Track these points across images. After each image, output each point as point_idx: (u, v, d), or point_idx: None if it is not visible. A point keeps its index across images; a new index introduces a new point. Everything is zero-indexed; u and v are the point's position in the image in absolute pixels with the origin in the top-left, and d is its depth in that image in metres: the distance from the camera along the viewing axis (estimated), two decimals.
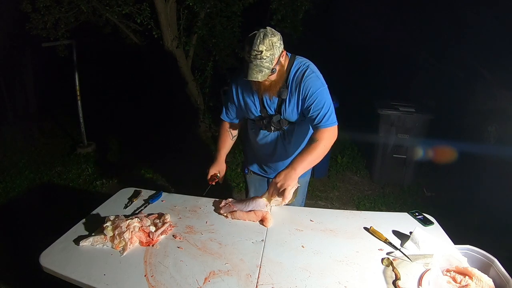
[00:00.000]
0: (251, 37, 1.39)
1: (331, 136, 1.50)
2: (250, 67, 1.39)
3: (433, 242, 1.30)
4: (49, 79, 5.47)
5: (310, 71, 1.50)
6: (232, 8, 3.95)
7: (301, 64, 1.53)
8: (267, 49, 1.37)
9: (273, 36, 1.39)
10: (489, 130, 3.71)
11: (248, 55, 1.39)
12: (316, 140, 1.48)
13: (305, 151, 1.49)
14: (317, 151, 1.47)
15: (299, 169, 1.47)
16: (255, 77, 1.39)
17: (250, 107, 1.65)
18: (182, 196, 1.74)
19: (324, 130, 1.49)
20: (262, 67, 1.38)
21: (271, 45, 1.38)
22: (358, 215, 1.58)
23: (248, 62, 1.40)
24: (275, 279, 1.16)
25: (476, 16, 4.27)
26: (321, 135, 1.49)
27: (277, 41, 1.40)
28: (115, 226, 1.33)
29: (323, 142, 1.48)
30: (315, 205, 3.06)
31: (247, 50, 1.39)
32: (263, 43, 1.36)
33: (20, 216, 2.88)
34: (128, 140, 4.44)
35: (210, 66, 4.16)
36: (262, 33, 1.38)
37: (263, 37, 1.37)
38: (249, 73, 1.40)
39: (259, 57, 1.37)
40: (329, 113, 1.49)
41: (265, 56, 1.37)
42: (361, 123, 4.03)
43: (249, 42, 1.39)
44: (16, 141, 4.47)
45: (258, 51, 1.36)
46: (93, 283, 1.14)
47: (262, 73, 1.39)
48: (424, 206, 2.96)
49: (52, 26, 3.73)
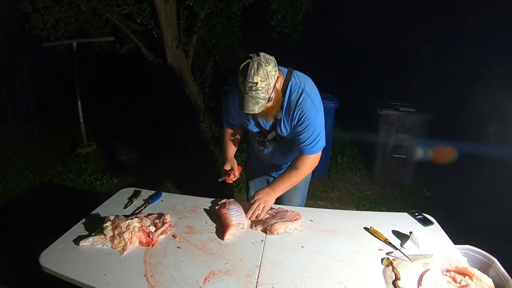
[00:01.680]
0: (245, 67, 1.32)
1: (312, 163, 1.57)
2: (245, 99, 1.34)
3: (433, 242, 1.30)
4: (49, 79, 5.47)
5: (305, 96, 1.45)
6: (232, 8, 3.95)
7: (296, 86, 1.47)
8: (262, 79, 1.30)
9: (267, 64, 1.31)
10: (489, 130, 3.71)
11: (242, 87, 1.33)
12: (297, 167, 1.55)
13: (286, 176, 1.57)
14: (296, 177, 1.56)
15: (278, 192, 1.56)
16: (252, 110, 1.35)
17: (247, 123, 1.65)
18: (182, 196, 1.74)
19: (306, 157, 1.54)
20: (258, 98, 1.33)
21: (266, 74, 1.31)
22: (358, 215, 1.58)
23: (243, 93, 1.34)
24: (275, 279, 1.16)
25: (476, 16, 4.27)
26: (302, 163, 1.54)
27: (271, 70, 1.33)
28: (115, 226, 1.33)
29: (304, 170, 1.55)
30: (315, 205, 3.06)
31: (241, 81, 1.32)
32: (257, 74, 1.30)
33: (20, 216, 2.88)
34: (128, 140, 4.44)
35: (210, 66, 4.16)
36: (255, 62, 1.30)
37: (257, 67, 1.30)
38: (245, 105, 1.35)
39: (254, 89, 1.31)
40: (315, 141, 1.50)
41: (260, 87, 1.31)
42: (361, 123, 4.03)
43: (243, 73, 1.31)
44: (16, 141, 4.47)
45: (253, 83, 1.30)
46: (92, 283, 1.14)
47: (258, 104, 1.35)
48: (424, 206, 2.96)
49: (52, 26, 3.74)
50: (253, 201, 1.52)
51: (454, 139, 3.47)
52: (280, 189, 1.56)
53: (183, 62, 4.12)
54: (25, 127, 4.89)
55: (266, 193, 1.53)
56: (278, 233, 1.40)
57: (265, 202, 1.51)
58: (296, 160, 1.57)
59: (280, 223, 1.43)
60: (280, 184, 1.56)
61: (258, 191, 1.56)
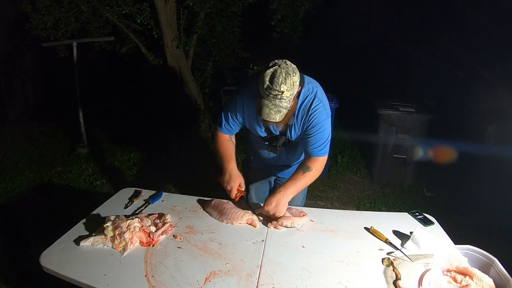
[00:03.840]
0: (272, 73, 1.28)
1: (322, 165, 1.54)
2: (267, 106, 1.30)
3: (434, 242, 1.30)
4: (49, 79, 5.47)
5: (318, 101, 1.47)
6: (232, 8, 3.95)
7: (309, 92, 1.48)
8: (288, 89, 1.28)
9: (294, 74, 1.30)
10: (489, 130, 3.71)
11: (266, 93, 1.29)
12: (310, 169, 1.51)
13: (298, 177, 1.52)
14: (309, 179, 1.53)
15: (290, 195, 1.50)
16: (273, 118, 1.32)
17: (256, 128, 1.61)
18: (182, 196, 1.74)
19: (317, 159, 1.52)
20: (281, 107, 1.31)
21: (292, 85, 1.29)
22: (358, 215, 1.58)
23: (265, 99, 1.30)
24: (275, 279, 1.16)
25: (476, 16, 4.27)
26: (314, 164, 1.52)
27: (297, 80, 1.32)
28: (116, 226, 1.33)
29: (315, 171, 1.52)
30: (315, 205, 3.06)
31: (266, 87, 1.28)
32: (285, 83, 1.27)
33: (20, 216, 2.87)
34: (128, 140, 4.43)
35: (210, 66, 4.16)
36: (284, 70, 1.28)
37: (285, 76, 1.27)
38: (266, 112, 1.31)
39: (279, 97, 1.28)
40: (325, 143, 1.51)
41: (285, 97, 1.29)
42: (361, 123, 4.03)
43: (270, 79, 1.27)
44: (16, 141, 4.46)
45: (279, 91, 1.27)
46: (93, 283, 1.14)
47: (280, 113, 1.32)
48: (424, 206, 2.96)
49: (52, 26, 3.73)
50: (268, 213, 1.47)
51: (454, 139, 3.48)
52: (292, 192, 1.50)
53: (183, 62, 4.12)
54: (25, 127, 4.89)
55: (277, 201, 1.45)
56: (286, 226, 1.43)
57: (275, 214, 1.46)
58: (308, 162, 1.53)
59: (286, 217, 1.45)
60: (293, 186, 1.51)
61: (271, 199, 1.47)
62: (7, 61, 5.02)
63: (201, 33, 3.96)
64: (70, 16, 3.81)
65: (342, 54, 6.29)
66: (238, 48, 4.28)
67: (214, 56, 4.22)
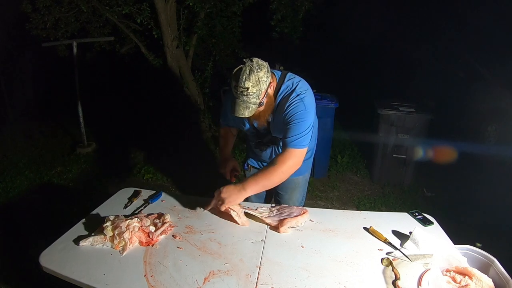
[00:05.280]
0: (237, 72, 1.36)
1: (294, 160, 1.45)
2: (237, 103, 1.39)
3: (433, 242, 1.30)
4: (49, 79, 5.48)
5: (295, 94, 1.47)
6: (232, 8, 3.96)
7: (287, 88, 1.50)
8: (253, 85, 1.34)
9: (259, 70, 1.35)
10: (489, 130, 3.71)
11: (234, 91, 1.37)
12: (275, 164, 1.44)
13: (262, 174, 1.46)
14: (274, 176, 1.44)
15: (249, 191, 1.45)
16: (242, 114, 1.39)
17: (242, 125, 1.69)
18: (182, 196, 1.74)
19: (288, 151, 1.45)
20: (249, 103, 1.37)
21: (257, 80, 1.35)
22: (358, 215, 1.58)
23: (235, 97, 1.39)
24: (274, 279, 1.16)
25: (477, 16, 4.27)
26: (282, 158, 1.45)
27: (263, 76, 1.36)
28: (115, 226, 1.33)
29: (282, 167, 1.43)
30: (315, 205, 3.06)
31: (234, 86, 1.37)
32: (249, 79, 1.34)
33: (20, 216, 2.88)
34: (128, 140, 4.44)
35: (210, 66, 4.17)
36: (248, 68, 1.35)
37: (249, 73, 1.34)
38: (236, 109, 1.40)
39: (245, 93, 1.35)
40: (300, 134, 1.45)
41: (251, 92, 1.35)
42: (361, 123, 4.03)
43: (235, 77, 1.36)
44: (16, 141, 4.47)
45: (244, 88, 1.34)
46: (93, 283, 1.14)
47: (249, 109, 1.39)
48: (424, 206, 2.96)
49: (52, 26, 3.74)
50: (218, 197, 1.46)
51: (454, 139, 3.48)
52: (252, 188, 1.45)
53: (183, 62, 4.12)
54: (25, 127, 4.89)
55: (232, 190, 1.44)
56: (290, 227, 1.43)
57: (229, 203, 1.43)
58: (278, 155, 1.49)
59: (290, 219, 1.44)
60: (254, 183, 1.45)
61: (228, 186, 1.47)
62: (7, 61, 5.02)
63: (201, 33, 3.97)
64: (70, 16, 3.81)
65: (342, 54, 6.29)
66: (238, 48, 4.28)
67: (214, 56, 4.22)
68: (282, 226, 1.42)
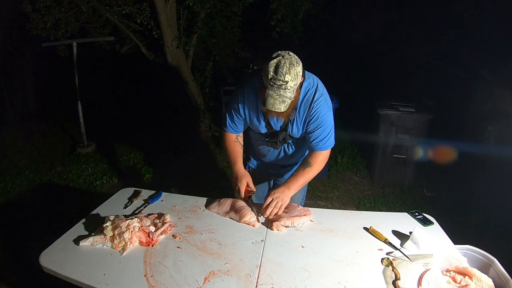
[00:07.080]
0: (276, 64, 1.30)
1: (324, 160, 1.60)
2: (272, 96, 1.32)
3: (433, 242, 1.30)
4: (49, 79, 5.47)
5: (319, 94, 1.49)
6: (232, 8, 3.95)
7: (310, 86, 1.50)
8: (292, 79, 1.31)
9: (297, 65, 1.33)
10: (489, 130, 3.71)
11: (271, 83, 1.31)
12: (310, 164, 1.57)
13: (300, 173, 1.58)
14: (310, 174, 1.58)
15: (293, 190, 1.56)
16: (278, 108, 1.34)
17: (255, 123, 1.62)
18: (182, 196, 1.74)
19: (318, 153, 1.57)
20: (285, 97, 1.33)
21: (296, 75, 1.32)
22: (358, 215, 1.58)
23: (269, 89, 1.32)
24: (274, 279, 1.16)
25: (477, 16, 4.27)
26: (315, 159, 1.57)
27: (300, 70, 1.34)
28: (115, 226, 1.33)
29: (316, 166, 1.58)
30: (315, 205, 3.06)
31: (271, 77, 1.30)
32: (289, 73, 1.29)
33: (20, 216, 2.88)
34: (128, 140, 4.43)
35: (210, 66, 4.16)
36: (287, 61, 1.30)
37: (289, 67, 1.29)
38: (270, 102, 1.33)
39: (283, 87, 1.30)
40: (327, 137, 1.55)
41: (289, 87, 1.31)
42: (361, 123, 4.03)
43: (274, 70, 1.30)
44: (16, 141, 4.46)
45: (283, 81, 1.29)
46: (93, 283, 1.14)
47: (284, 103, 1.34)
48: (424, 206, 2.96)
49: (52, 26, 3.73)
50: (271, 200, 1.51)
51: (454, 139, 3.47)
52: (294, 187, 1.57)
53: (183, 62, 4.12)
54: (25, 127, 4.89)
55: (282, 191, 1.53)
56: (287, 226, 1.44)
57: (282, 201, 1.50)
58: (309, 157, 1.59)
59: (286, 218, 1.46)
60: (294, 182, 1.57)
61: (274, 190, 1.54)
62: (7, 61, 5.01)
63: (201, 33, 3.96)
64: (70, 16, 3.81)
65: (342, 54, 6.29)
66: (238, 48, 4.28)
67: (214, 56, 4.21)
68: (276, 222, 1.44)
